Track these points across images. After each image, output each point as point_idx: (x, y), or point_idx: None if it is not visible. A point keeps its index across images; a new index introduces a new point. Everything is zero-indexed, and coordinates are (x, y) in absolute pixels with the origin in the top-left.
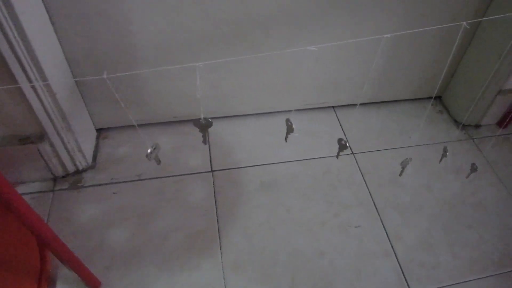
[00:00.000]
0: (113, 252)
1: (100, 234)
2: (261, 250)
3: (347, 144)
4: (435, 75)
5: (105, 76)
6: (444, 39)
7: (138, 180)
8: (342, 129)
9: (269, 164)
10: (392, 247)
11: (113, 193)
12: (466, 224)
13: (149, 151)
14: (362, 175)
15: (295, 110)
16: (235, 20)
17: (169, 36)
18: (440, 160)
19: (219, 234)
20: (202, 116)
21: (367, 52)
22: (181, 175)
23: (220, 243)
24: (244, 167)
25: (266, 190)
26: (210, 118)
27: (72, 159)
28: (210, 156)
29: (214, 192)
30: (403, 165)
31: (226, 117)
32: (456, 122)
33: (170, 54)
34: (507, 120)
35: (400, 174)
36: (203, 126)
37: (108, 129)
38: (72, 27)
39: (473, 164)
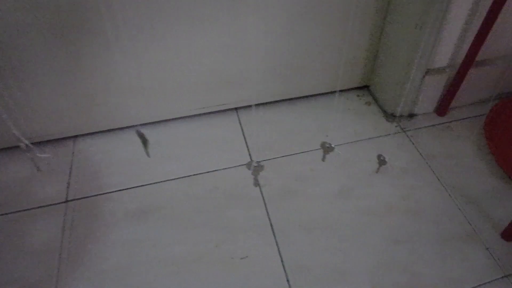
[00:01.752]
0: None
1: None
2: None
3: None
4: (355, 60)
5: None
6: (356, 15)
7: None
8: (243, 134)
9: (142, 186)
10: (288, 282)
11: None
12: (393, 239)
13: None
14: (260, 189)
15: (185, 116)
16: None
17: None
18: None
19: (56, 285)
20: None
21: (266, 40)
22: (27, 210)
23: None
24: (108, 192)
25: (129, 221)
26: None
27: None
28: (68, 183)
29: (63, 229)
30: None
31: (97, 132)
32: (386, 113)
33: None
34: (445, 105)
35: (255, 185)
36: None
37: None
38: None
39: (379, 156)
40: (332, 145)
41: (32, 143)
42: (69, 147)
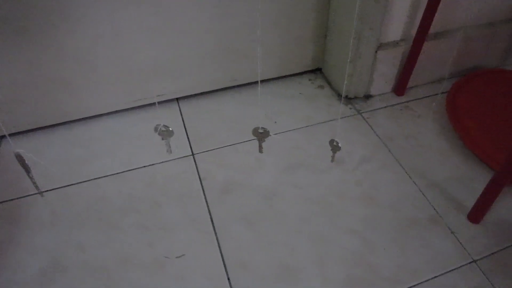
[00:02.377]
0: None
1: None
2: None
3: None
4: (303, 40)
5: None
6: None
7: None
8: (184, 126)
9: (66, 186)
10: (228, 280)
11: None
12: (346, 228)
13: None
14: (201, 182)
15: (121, 110)
16: None
17: None
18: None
19: None
20: None
21: (199, 21)
22: None
23: None
24: (31, 194)
25: (54, 224)
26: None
27: None
28: None
29: None
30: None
31: (25, 131)
32: (339, 96)
33: None
34: (403, 84)
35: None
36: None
37: None
38: None
39: (331, 141)
40: (267, 130)
41: None
42: None
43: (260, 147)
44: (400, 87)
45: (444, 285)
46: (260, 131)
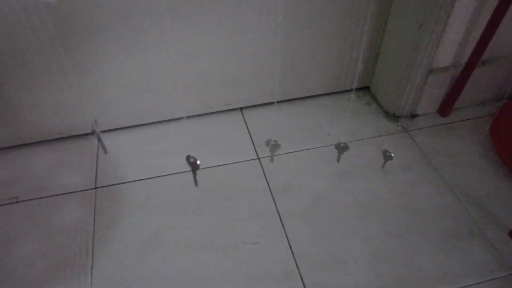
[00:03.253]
0: None
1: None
2: (133, 277)
3: (198, 162)
4: (356, 61)
5: None
6: (356, 16)
7: (15, 202)
8: (249, 132)
9: (159, 176)
10: (297, 266)
11: None
12: (394, 232)
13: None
14: (267, 182)
15: (195, 115)
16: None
17: None
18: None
19: (92, 260)
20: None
21: (264, 40)
22: (61, 194)
23: (91, 270)
24: (130, 181)
25: (150, 207)
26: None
27: None
28: (96, 172)
29: (94, 212)
30: (271, 149)
31: (115, 129)
32: (387, 113)
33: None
34: (448, 106)
35: (271, 160)
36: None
37: None
38: None
39: (385, 151)
40: (347, 144)
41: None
42: (93, 142)
43: (339, 158)
44: (445, 108)
45: None
46: (342, 145)
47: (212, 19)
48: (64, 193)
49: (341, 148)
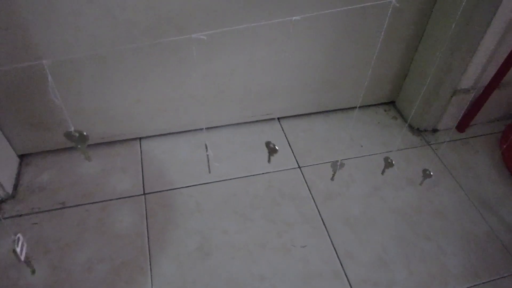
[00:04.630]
0: None
1: (17, 271)
2: (194, 279)
3: (276, 147)
4: (385, 78)
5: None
6: (391, 37)
7: (61, 208)
8: (288, 141)
9: (205, 183)
10: (342, 266)
11: (34, 223)
12: (423, 235)
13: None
14: (309, 189)
15: (235, 123)
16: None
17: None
18: (383, 172)
19: (150, 263)
20: (72, 128)
21: (303, 56)
22: (110, 200)
23: (151, 273)
24: (178, 188)
25: (201, 212)
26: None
27: None
28: (143, 178)
29: (146, 217)
30: (334, 169)
31: (159, 135)
32: (411, 127)
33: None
34: (466, 123)
35: (332, 178)
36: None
37: (32, 154)
38: None
39: (425, 170)
40: (391, 161)
41: (104, 143)
42: (136, 147)
43: (383, 171)
44: (462, 125)
45: (499, 286)
46: (389, 160)
47: (261, 37)
48: (113, 199)
49: (388, 163)
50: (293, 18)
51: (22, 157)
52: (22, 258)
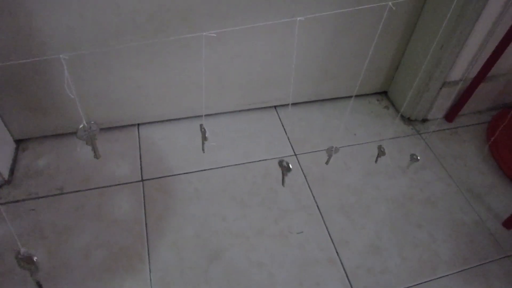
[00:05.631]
0: (27, 275)
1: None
2: (192, 264)
3: (290, 166)
4: (379, 69)
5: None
6: (386, 31)
7: (59, 194)
8: (284, 129)
9: (204, 170)
10: (337, 253)
11: (31, 209)
12: (415, 223)
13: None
14: (305, 177)
15: (234, 111)
16: (149, 10)
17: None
18: (376, 160)
19: (148, 249)
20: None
21: (303, 48)
22: (108, 186)
23: (149, 259)
24: (177, 174)
25: (199, 199)
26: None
27: None
28: (141, 164)
29: (144, 204)
30: (329, 154)
31: (158, 121)
32: (402, 117)
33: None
34: (454, 113)
35: (327, 162)
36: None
37: (29, 139)
38: None
39: (412, 155)
40: (383, 149)
41: (102, 128)
42: (135, 133)
43: (376, 159)
44: (451, 115)
45: (486, 271)
46: (382, 148)
47: (262, 27)
48: (111, 185)
49: (381, 152)
50: (298, 18)
51: (19, 142)
52: None
